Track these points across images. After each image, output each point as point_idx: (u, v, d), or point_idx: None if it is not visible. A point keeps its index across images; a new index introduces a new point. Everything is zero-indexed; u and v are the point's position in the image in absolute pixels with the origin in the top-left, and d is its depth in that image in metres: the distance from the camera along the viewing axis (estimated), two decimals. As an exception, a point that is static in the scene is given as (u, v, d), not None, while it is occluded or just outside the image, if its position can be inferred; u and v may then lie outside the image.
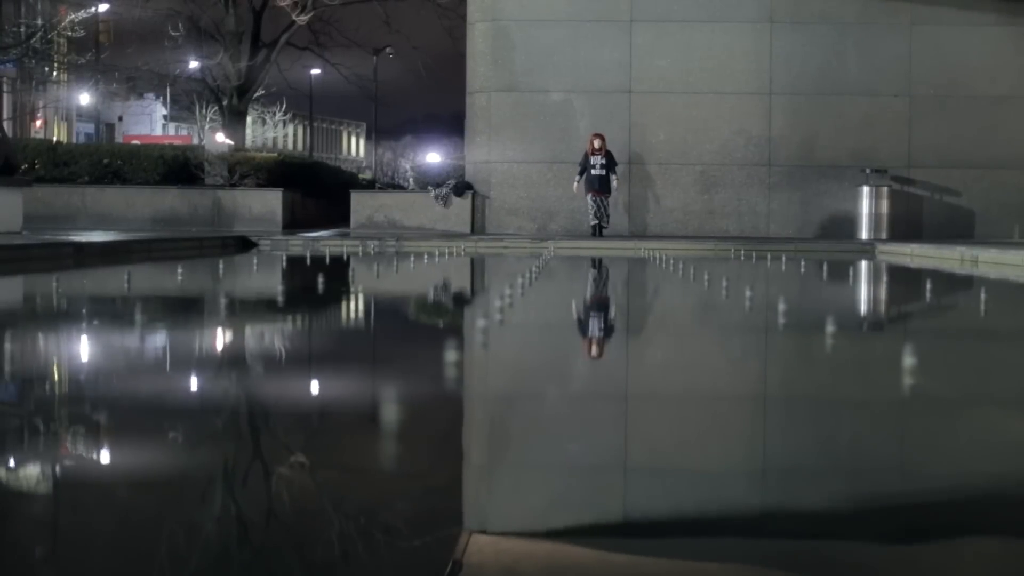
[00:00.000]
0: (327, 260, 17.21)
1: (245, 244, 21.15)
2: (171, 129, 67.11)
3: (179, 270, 12.98)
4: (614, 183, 23.21)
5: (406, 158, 72.33)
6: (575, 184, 23.19)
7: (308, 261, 17.44)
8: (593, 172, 23.02)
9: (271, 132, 63.15)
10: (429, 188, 24.93)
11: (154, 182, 25.99)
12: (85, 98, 51.64)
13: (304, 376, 6.31)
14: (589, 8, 24.35)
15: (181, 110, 59.41)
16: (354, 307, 11.02)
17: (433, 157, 44.63)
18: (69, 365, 6.79)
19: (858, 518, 3.51)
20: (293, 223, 26.11)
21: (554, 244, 21.18)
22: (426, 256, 18.00)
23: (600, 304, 11.28)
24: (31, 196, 23.98)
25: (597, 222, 23.03)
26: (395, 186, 38.23)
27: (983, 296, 10.38)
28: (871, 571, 3.06)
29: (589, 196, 23.11)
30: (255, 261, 17.75)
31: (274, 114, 59.45)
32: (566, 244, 21.48)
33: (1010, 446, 4.62)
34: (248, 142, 56.71)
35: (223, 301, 9.79)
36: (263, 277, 14.44)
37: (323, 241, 21.60)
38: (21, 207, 20.32)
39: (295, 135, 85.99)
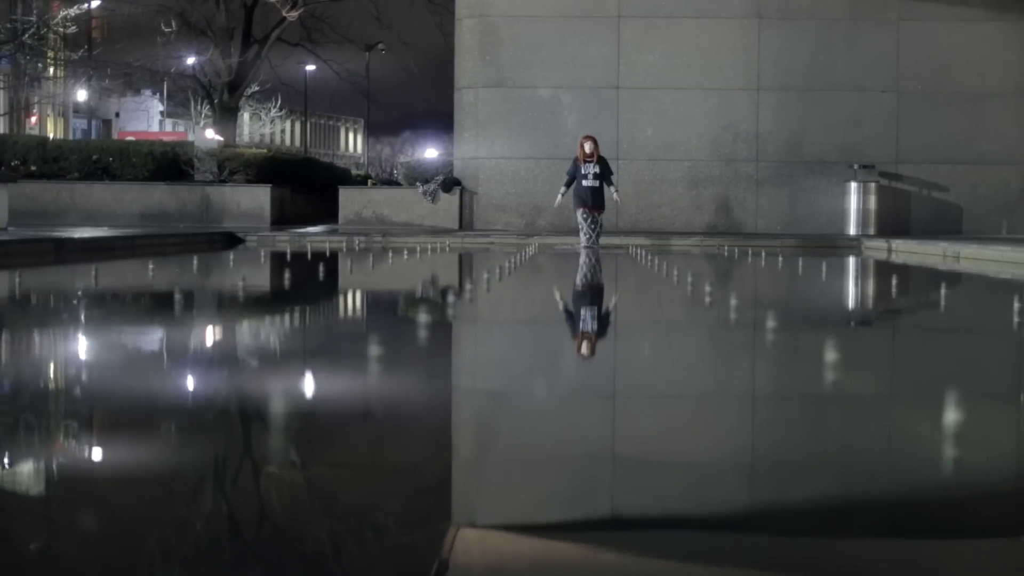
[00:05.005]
0: (308, 256, 17.21)
1: (232, 240, 21.17)
2: (168, 125, 67.16)
3: (150, 266, 12.98)
4: (615, 196, 19.62)
5: (404, 154, 72.55)
6: (558, 198, 19.53)
7: (288, 257, 17.46)
8: (585, 183, 18.90)
9: (267, 128, 63.15)
10: (417, 184, 24.93)
11: (144, 178, 25.99)
12: (81, 94, 51.67)
13: (259, 371, 6.30)
14: (577, 4, 24.35)
15: (177, 106, 59.45)
16: (320, 302, 11.03)
17: (431, 153, 44.65)
18: (10, 361, 6.81)
19: (832, 514, 3.55)
20: (282, 219, 26.12)
21: (539, 240, 21.22)
22: (406, 252, 18.03)
23: (559, 300, 11.31)
24: (19, 192, 24.02)
25: (588, 243, 19.05)
26: (391, 182, 38.28)
27: (944, 291, 10.39)
28: (857, 569, 3.08)
29: (580, 212, 19.07)
30: (232, 257, 17.77)
31: (269, 110, 59.44)
32: (551, 240, 21.49)
33: (926, 437, 4.63)
34: (246, 138, 56.80)
35: (178, 297, 9.80)
36: (238, 273, 14.45)
37: (309, 237, 21.62)
38: (7, 203, 20.35)
39: (292, 131, 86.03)
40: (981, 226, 23.82)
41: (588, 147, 19.03)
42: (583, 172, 18.93)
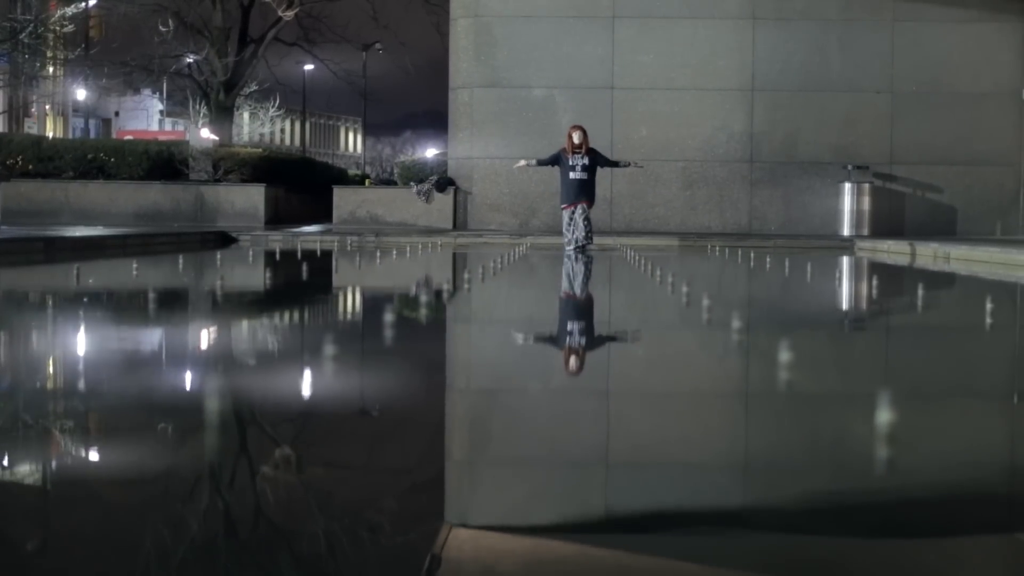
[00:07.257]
0: (298, 255, 17.20)
1: (225, 239, 21.18)
2: (167, 124, 67.23)
3: (134, 266, 12.98)
4: (636, 164, 19.38)
5: (405, 154, 72.63)
6: (521, 162, 19.06)
7: (277, 256, 17.45)
8: (572, 176, 17.67)
9: (266, 128, 63.20)
10: (411, 184, 24.94)
11: (139, 177, 26.01)
12: (80, 93, 51.72)
13: (228, 370, 6.29)
14: (571, 4, 24.36)
15: (176, 105, 59.51)
16: (299, 301, 11.03)
17: (430, 152, 44.67)
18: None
19: (824, 513, 3.55)
20: (277, 218, 26.13)
21: (531, 240, 21.23)
22: (395, 252, 18.01)
23: (530, 297, 11.32)
24: (13, 191, 24.07)
25: (575, 243, 17.72)
26: (389, 182, 38.32)
27: (923, 291, 10.39)
28: (854, 568, 3.08)
29: (566, 211, 17.86)
30: (220, 256, 17.76)
31: (267, 110, 59.51)
32: (544, 240, 21.49)
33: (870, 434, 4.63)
34: (245, 137, 56.83)
35: (152, 296, 9.80)
36: (221, 272, 14.45)
37: (302, 236, 21.64)
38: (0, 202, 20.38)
39: (291, 131, 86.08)
40: (975, 227, 23.81)
41: (576, 137, 17.81)
42: (571, 164, 17.68)
